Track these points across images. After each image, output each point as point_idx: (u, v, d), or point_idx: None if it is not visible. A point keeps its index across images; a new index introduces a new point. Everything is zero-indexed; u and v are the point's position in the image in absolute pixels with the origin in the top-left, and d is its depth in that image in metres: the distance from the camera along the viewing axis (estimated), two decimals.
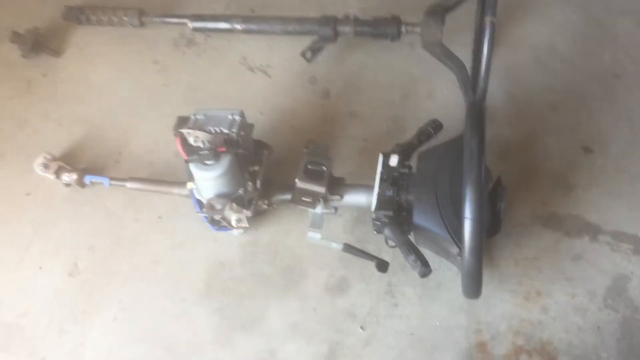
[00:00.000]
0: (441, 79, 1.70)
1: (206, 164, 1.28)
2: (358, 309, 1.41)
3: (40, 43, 1.70)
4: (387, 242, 1.38)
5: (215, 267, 1.45)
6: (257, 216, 1.47)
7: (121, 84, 1.70)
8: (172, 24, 1.70)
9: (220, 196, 1.31)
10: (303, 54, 1.66)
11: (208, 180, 1.28)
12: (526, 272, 1.44)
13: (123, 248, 1.48)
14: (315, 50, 1.65)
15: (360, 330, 1.39)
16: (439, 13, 1.49)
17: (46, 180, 1.51)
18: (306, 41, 1.68)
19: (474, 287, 1.21)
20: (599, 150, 1.59)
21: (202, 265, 1.45)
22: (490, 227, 1.32)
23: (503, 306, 1.40)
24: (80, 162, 1.56)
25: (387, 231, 1.27)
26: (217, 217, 1.31)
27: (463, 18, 1.68)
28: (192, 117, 1.33)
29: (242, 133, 1.31)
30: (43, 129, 1.63)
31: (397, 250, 1.36)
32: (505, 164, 1.57)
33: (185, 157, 1.32)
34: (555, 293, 1.41)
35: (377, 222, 1.29)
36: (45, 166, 1.47)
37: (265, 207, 1.41)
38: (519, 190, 1.54)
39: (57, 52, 1.72)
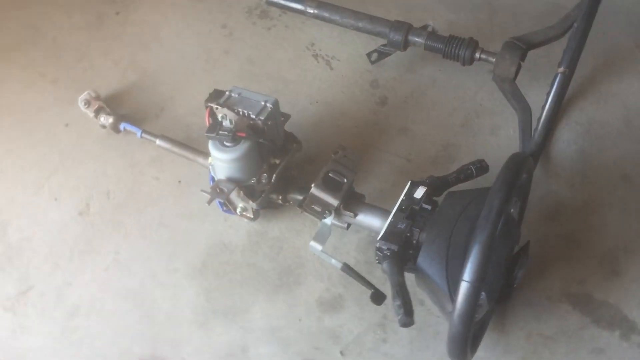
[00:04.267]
0: (512, 118, 1.58)
1: (225, 145, 1.26)
2: (345, 332, 1.36)
3: None
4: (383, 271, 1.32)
5: (216, 247, 1.45)
6: (272, 208, 1.45)
7: (185, 40, 1.72)
8: None
9: (231, 180, 1.29)
10: (368, 55, 1.60)
11: (221, 162, 1.27)
12: (536, 350, 1.33)
13: (136, 202, 1.51)
14: (382, 54, 1.58)
15: (339, 356, 1.34)
16: (519, 48, 1.38)
17: (86, 116, 1.56)
18: (380, 42, 1.62)
19: (456, 351, 1.13)
20: None
21: (205, 241, 1.46)
22: (501, 293, 1.22)
23: None
24: (122, 108, 1.60)
25: (385, 265, 1.20)
26: (220, 199, 1.29)
27: (559, 56, 1.55)
28: (227, 93, 1.32)
29: (270, 122, 1.28)
30: (99, 66, 1.68)
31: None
32: (551, 227, 1.45)
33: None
34: None
35: (379, 253, 1.23)
36: (87, 103, 1.52)
37: (280, 202, 1.38)
38: (557, 260, 1.41)
39: None
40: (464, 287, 1.04)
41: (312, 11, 1.58)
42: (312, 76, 1.66)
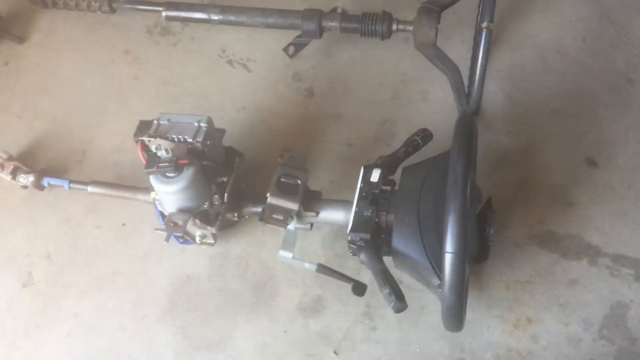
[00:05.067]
0: (437, 79, 1.60)
1: (167, 176, 1.19)
2: (333, 331, 1.34)
3: (3, 28, 1.61)
4: (360, 261, 1.31)
5: (181, 281, 1.39)
6: (228, 228, 1.39)
7: (89, 75, 1.61)
8: (145, 11, 1.60)
9: (182, 210, 1.23)
10: (285, 50, 1.57)
11: (169, 194, 1.21)
12: (517, 297, 1.37)
13: (82, 257, 1.42)
14: (298, 45, 1.56)
15: (334, 355, 1.33)
16: (433, 11, 1.39)
17: (1, 180, 1.44)
18: (292, 34, 1.59)
19: (454, 323, 1.14)
20: (605, 164, 1.51)
21: (167, 278, 1.39)
22: (478, 254, 1.24)
23: (490, 333, 1.34)
24: (40, 162, 1.49)
25: (362, 256, 1.19)
26: (177, 233, 1.23)
27: (465, 11, 1.57)
28: (155, 122, 1.25)
29: (209, 142, 1.23)
30: (1, 123, 1.55)
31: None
32: (500, 175, 1.49)
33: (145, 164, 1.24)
34: (547, 320, 1.34)
35: (352, 246, 1.21)
36: (1, 166, 1.40)
37: (235, 219, 1.33)
38: (514, 206, 1.46)
39: (20, 39, 1.63)
40: (449, 259, 1.04)
41: (216, 17, 1.52)
42: (232, 83, 1.61)
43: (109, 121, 1.56)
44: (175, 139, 1.21)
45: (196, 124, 1.23)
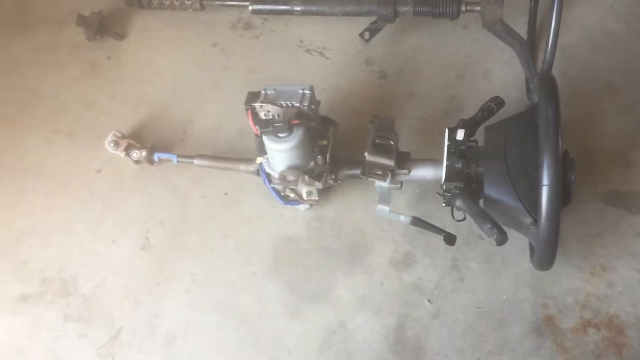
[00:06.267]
0: (496, 61, 1.71)
1: (279, 137, 1.31)
2: (425, 283, 1.43)
3: (105, 26, 1.73)
4: (453, 216, 1.40)
5: (282, 242, 1.48)
6: (323, 192, 1.50)
7: (183, 66, 1.72)
8: (232, 7, 1.74)
9: (292, 167, 1.34)
10: (362, 35, 1.69)
11: (281, 152, 1.31)
12: (590, 248, 1.44)
13: (191, 223, 1.50)
14: (373, 30, 1.67)
15: (428, 304, 1.40)
16: None
17: (115, 157, 1.54)
18: (362, 22, 1.70)
19: (549, 255, 1.22)
20: None
21: (270, 240, 1.47)
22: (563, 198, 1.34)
23: (569, 281, 1.41)
24: (147, 140, 1.58)
25: (458, 202, 1.29)
26: (291, 187, 1.34)
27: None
28: (263, 92, 1.36)
29: (313, 107, 1.34)
30: (109, 109, 1.66)
31: (461, 224, 1.39)
32: (562, 144, 1.58)
33: (255, 131, 1.35)
34: (620, 268, 1.41)
35: (448, 194, 1.32)
36: (116, 144, 1.51)
37: (332, 182, 1.44)
38: (578, 168, 1.53)
39: (120, 36, 1.75)
40: (545, 191, 1.14)
41: (299, 8, 1.65)
42: (312, 69, 1.72)
43: (204, 105, 1.65)
44: (284, 105, 1.33)
45: (301, 91, 1.35)
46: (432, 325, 1.38)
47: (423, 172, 1.40)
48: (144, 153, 1.50)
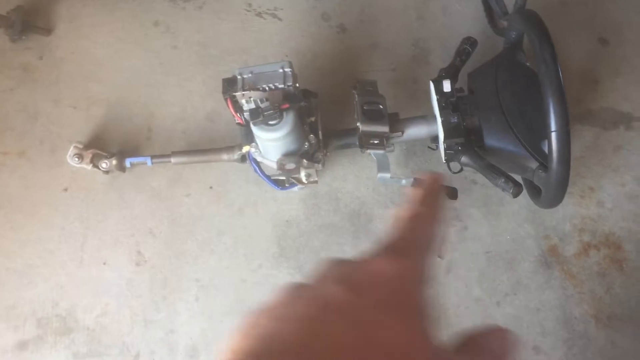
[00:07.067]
0: None
1: (270, 124, 1.21)
2: None
3: (27, 21, 1.50)
4: (450, 169, 1.38)
5: (282, 227, 1.40)
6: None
7: (126, 54, 1.52)
8: None
9: (288, 154, 1.26)
10: None
11: (276, 140, 1.22)
12: (576, 171, 1.46)
13: (182, 226, 1.38)
14: None
15: (439, 260, 1.40)
16: None
17: (80, 171, 1.39)
18: None
19: (560, 196, 1.23)
20: (615, 40, 1.61)
21: (269, 227, 1.39)
22: None
23: (562, 209, 1.44)
24: (111, 146, 1.42)
25: (464, 159, 1.25)
26: (293, 176, 1.26)
27: None
28: (239, 77, 1.24)
29: (297, 85, 1.24)
30: (58, 116, 1.45)
31: (454, 176, 1.38)
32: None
33: (239, 120, 1.25)
34: (606, 186, 1.43)
35: (450, 151, 1.28)
36: (79, 156, 1.34)
37: (323, 156, 1.37)
38: None
39: (47, 31, 1.50)
40: (555, 137, 1.13)
41: None
42: (268, 35, 1.59)
43: (162, 94, 1.47)
44: (267, 88, 1.22)
45: (281, 70, 1.24)
46: (447, 280, 1.38)
47: (416, 131, 1.34)
48: (114, 161, 1.34)
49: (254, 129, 1.19)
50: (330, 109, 1.41)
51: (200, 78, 1.49)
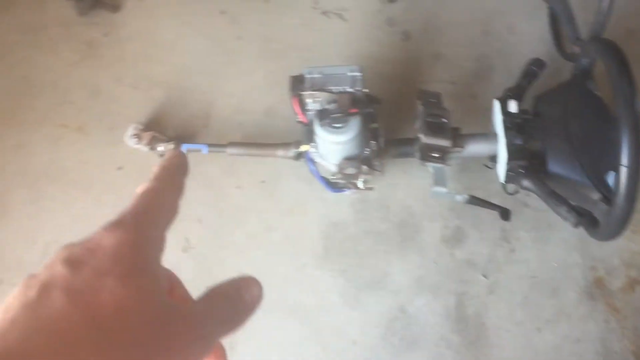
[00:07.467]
0: (518, 12, 1.61)
1: (335, 127, 1.20)
2: (477, 257, 1.39)
3: None
4: (505, 190, 1.36)
5: (329, 229, 1.39)
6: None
7: (191, 39, 1.51)
8: None
9: (349, 159, 1.25)
10: None
11: (338, 144, 1.21)
12: None
13: (231, 217, 1.37)
14: None
15: (483, 279, 1.38)
16: None
17: (136, 152, 1.39)
18: None
19: (620, 231, 1.21)
20: None
21: (316, 227, 1.37)
22: None
23: (613, 241, 1.42)
24: (168, 129, 1.42)
25: (526, 183, 1.23)
26: (352, 181, 1.25)
27: None
28: (307, 76, 1.23)
29: (366, 90, 1.24)
30: (119, 95, 1.46)
31: (505, 196, 1.36)
32: None
33: (303, 119, 1.23)
34: None
35: (511, 173, 1.26)
36: (138, 137, 1.34)
37: (381, 163, 1.35)
38: None
39: (114, 7, 1.51)
40: (625, 172, 1.11)
41: None
42: (332, 34, 1.57)
43: (223, 83, 1.46)
44: (335, 90, 1.21)
45: (350, 74, 1.23)
46: (490, 301, 1.36)
47: (477, 148, 1.32)
48: (171, 146, 1.35)
49: (318, 129, 1.18)
50: (389, 116, 1.40)
51: (262, 72, 1.48)
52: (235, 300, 0.37)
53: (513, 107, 1.29)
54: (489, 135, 1.31)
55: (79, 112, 1.42)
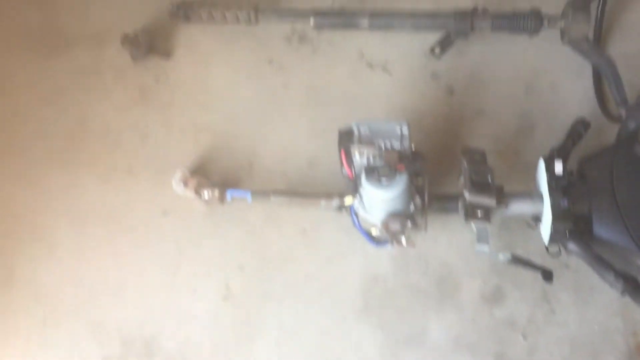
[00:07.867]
0: (562, 71, 1.60)
1: (382, 183, 1.21)
2: (517, 317, 1.37)
3: (149, 44, 1.54)
4: (547, 251, 1.35)
5: (369, 282, 1.39)
6: None
7: (240, 87, 1.54)
8: (289, 20, 1.59)
9: (393, 215, 1.25)
10: (432, 50, 1.57)
11: (384, 200, 1.22)
12: None
13: (272, 265, 1.38)
14: (445, 45, 1.55)
15: (522, 340, 1.36)
16: (586, 6, 1.43)
17: (180, 197, 1.42)
18: (425, 35, 1.60)
19: None
20: None
21: (356, 280, 1.37)
22: None
23: None
24: (212, 175, 1.45)
25: (572, 246, 1.22)
26: (397, 237, 1.25)
27: None
28: (355, 130, 1.25)
29: (413, 147, 1.25)
30: (167, 140, 1.49)
31: (546, 256, 1.34)
32: None
33: (349, 173, 1.26)
34: None
35: (556, 235, 1.26)
36: (185, 183, 1.38)
37: (425, 220, 1.35)
38: None
39: (167, 54, 1.57)
40: None
41: (366, 24, 1.52)
42: (376, 86, 1.59)
43: (268, 131, 1.49)
44: (383, 147, 1.23)
45: (398, 129, 1.24)
46: None
47: (520, 207, 1.32)
48: (216, 192, 1.37)
49: (365, 184, 1.19)
50: (431, 170, 1.40)
51: (306, 120, 1.51)
52: None
53: (559, 168, 1.29)
54: (534, 195, 1.31)
55: (129, 155, 1.46)
